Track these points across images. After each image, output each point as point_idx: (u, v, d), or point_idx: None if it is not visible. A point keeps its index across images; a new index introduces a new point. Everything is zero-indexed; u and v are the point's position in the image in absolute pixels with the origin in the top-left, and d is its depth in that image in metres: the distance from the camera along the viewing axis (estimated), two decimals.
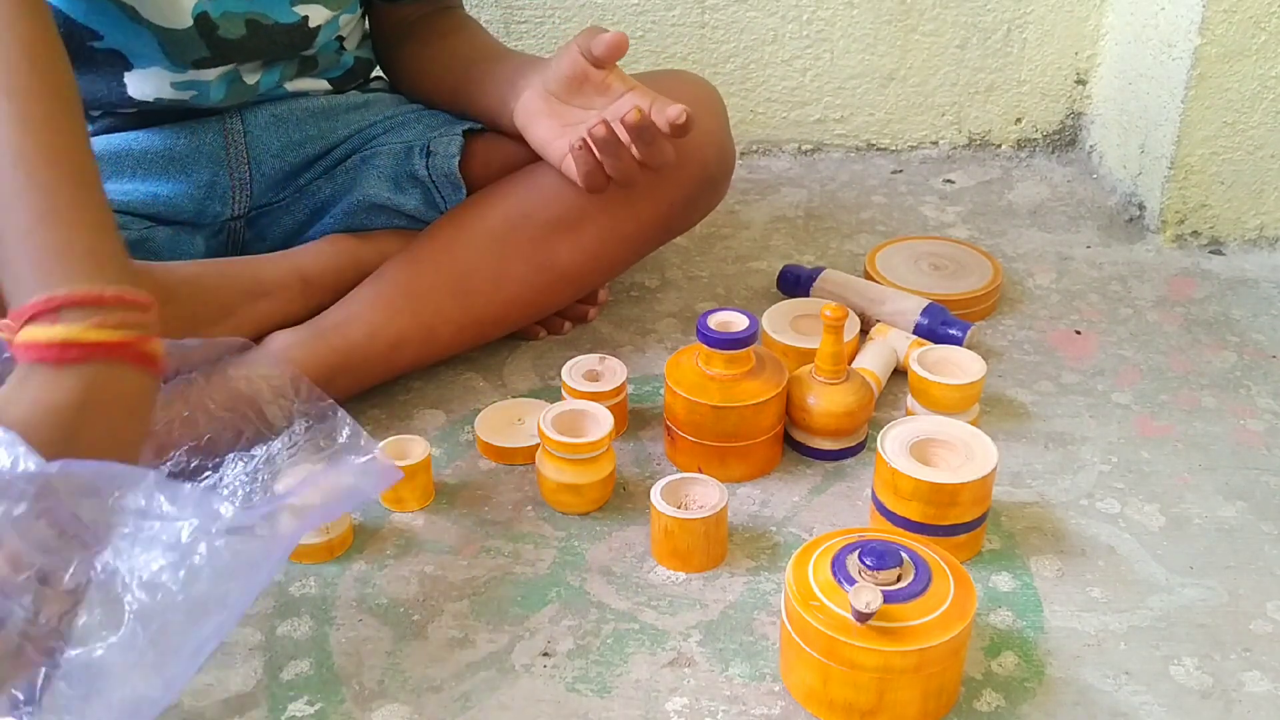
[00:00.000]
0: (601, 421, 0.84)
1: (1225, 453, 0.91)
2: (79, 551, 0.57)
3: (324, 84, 1.02)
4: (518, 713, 0.68)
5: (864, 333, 1.01)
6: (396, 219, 1.01)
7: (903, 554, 0.68)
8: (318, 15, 0.95)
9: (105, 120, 0.94)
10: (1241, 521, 0.84)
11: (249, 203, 0.99)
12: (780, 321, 0.99)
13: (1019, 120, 1.43)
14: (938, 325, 1.00)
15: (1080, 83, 1.40)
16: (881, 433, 0.80)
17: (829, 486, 0.87)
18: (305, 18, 0.94)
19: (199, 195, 0.95)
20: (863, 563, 0.67)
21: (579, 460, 0.82)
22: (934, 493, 0.76)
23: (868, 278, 1.10)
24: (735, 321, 0.85)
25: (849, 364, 0.91)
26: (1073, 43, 1.38)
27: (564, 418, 0.84)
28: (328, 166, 1.01)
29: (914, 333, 1.00)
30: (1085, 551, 0.81)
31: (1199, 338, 1.06)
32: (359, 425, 0.71)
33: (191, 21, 0.88)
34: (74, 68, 0.90)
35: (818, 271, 1.09)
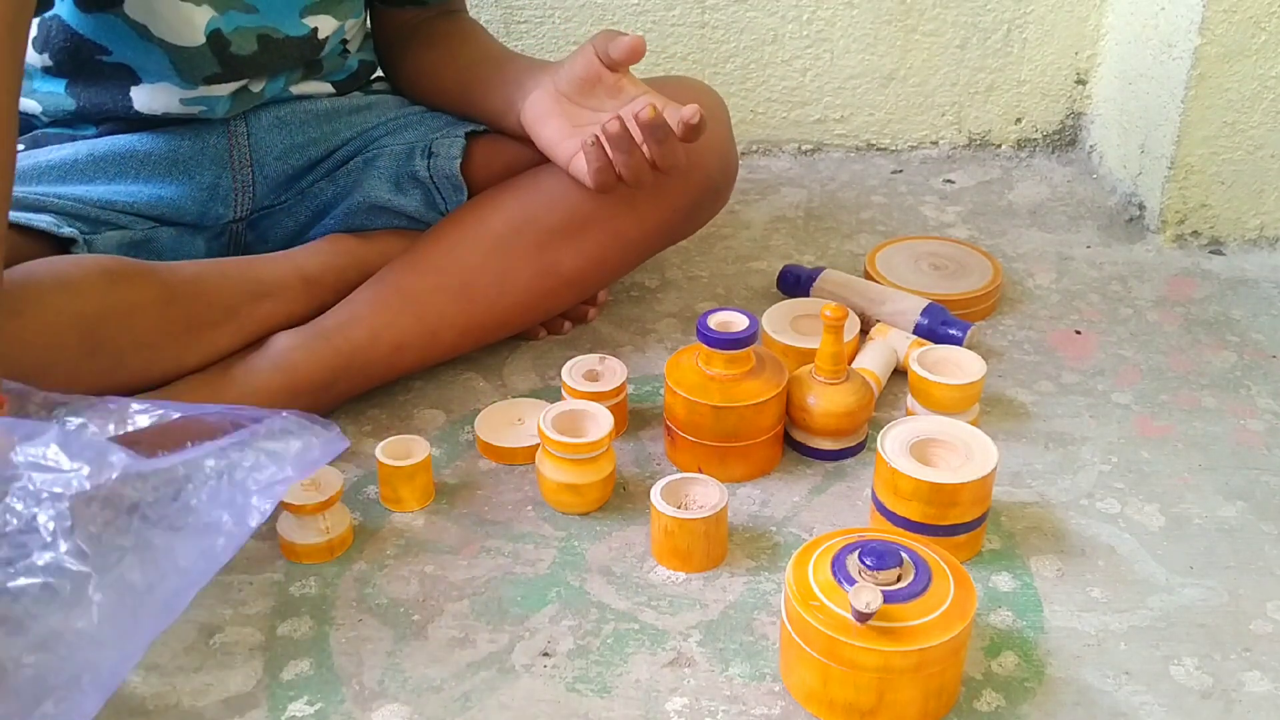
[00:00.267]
0: (601, 421, 0.84)
1: (1225, 453, 0.91)
2: None
3: (328, 87, 1.02)
4: (518, 713, 0.69)
5: (864, 333, 1.01)
6: (397, 219, 1.01)
7: (903, 554, 0.68)
8: (327, 26, 0.95)
9: (109, 124, 0.94)
10: (1241, 521, 0.84)
11: (251, 205, 0.99)
12: (780, 321, 0.99)
13: (1019, 120, 1.43)
14: (938, 325, 1.00)
15: (1080, 83, 1.40)
16: (881, 433, 0.80)
17: (829, 486, 0.87)
18: (315, 29, 0.94)
19: (202, 197, 0.95)
20: (863, 563, 0.67)
21: (579, 460, 0.82)
22: (934, 493, 0.76)
23: (868, 278, 1.10)
24: (735, 321, 0.85)
25: (849, 364, 0.91)
26: (1073, 43, 1.38)
27: (564, 418, 0.84)
28: (330, 169, 1.01)
29: (914, 333, 1.00)
30: (1085, 551, 0.81)
31: (1199, 338, 1.06)
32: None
33: (204, 39, 0.88)
34: (79, 79, 0.91)
35: (818, 271, 1.09)
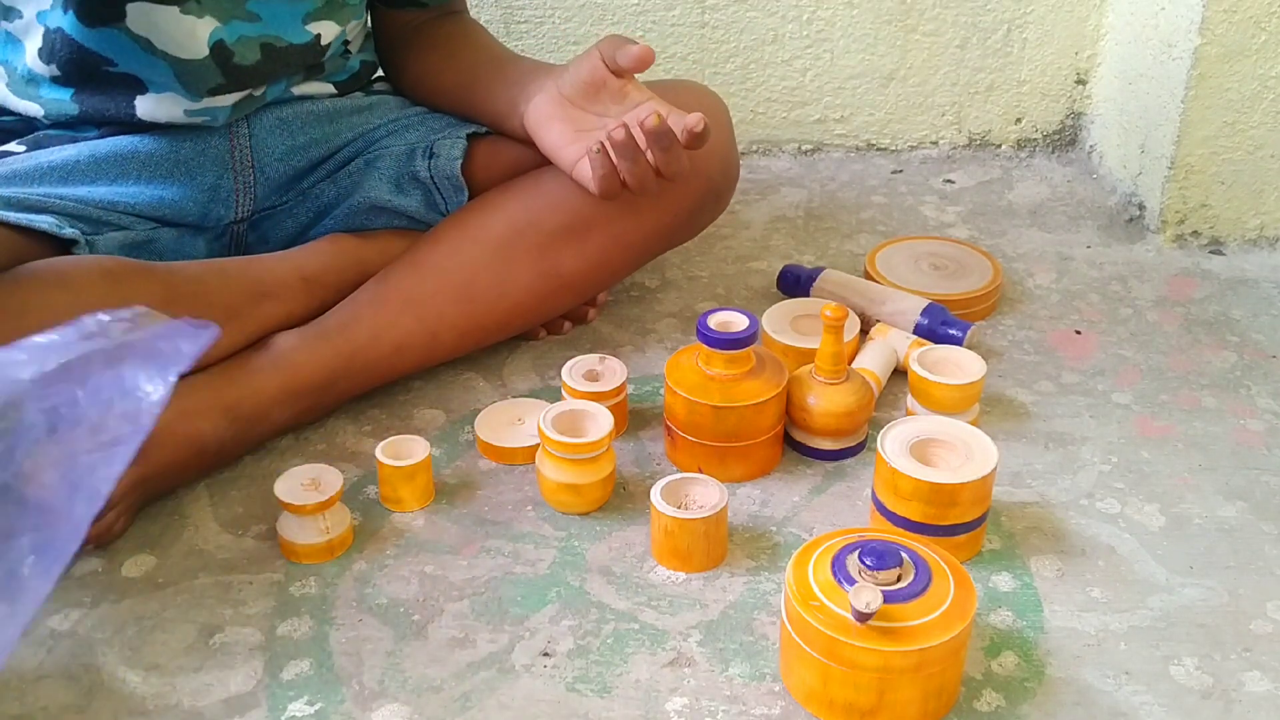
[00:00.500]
0: (601, 421, 0.84)
1: (1225, 453, 0.91)
2: None
3: (329, 87, 1.01)
4: (518, 713, 0.69)
5: (864, 333, 1.01)
6: (397, 220, 1.01)
7: (903, 554, 0.68)
8: (329, 32, 0.95)
9: (110, 126, 0.94)
10: (1241, 521, 0.84)
11: (253, 206, 0.99)
12: (780, 321, 0.99)
13: (1019, 120, 1.43)
14: (938, 325, 1.00)
15: (1080, 83, 1.40)
16: (881, 433, 0.80)
17: (829, 486, 0.87)
18: (318, 35, 0.94)
19: (203, 198, 0.95)
20: (863, 563, 0.67)
21: (579, 460, 0.82)
22: (934, 493, 0.76)
23: (868, 278, 1.10)
24: (735, 321, 0.85)
25: (849, 364, 0.91)
26: (1073, 43, 1.38)
27: (564, 418, 0.84)
28: (331, 170, 1.01)
29: (914, 333, 1.00)
30: (1085, 551, 0.81)
31: (1199, 338, 1.06)
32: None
33: (208, 51, 0.88)
34: (86, 88, 0.90)
35: (818, 271, 1.09)
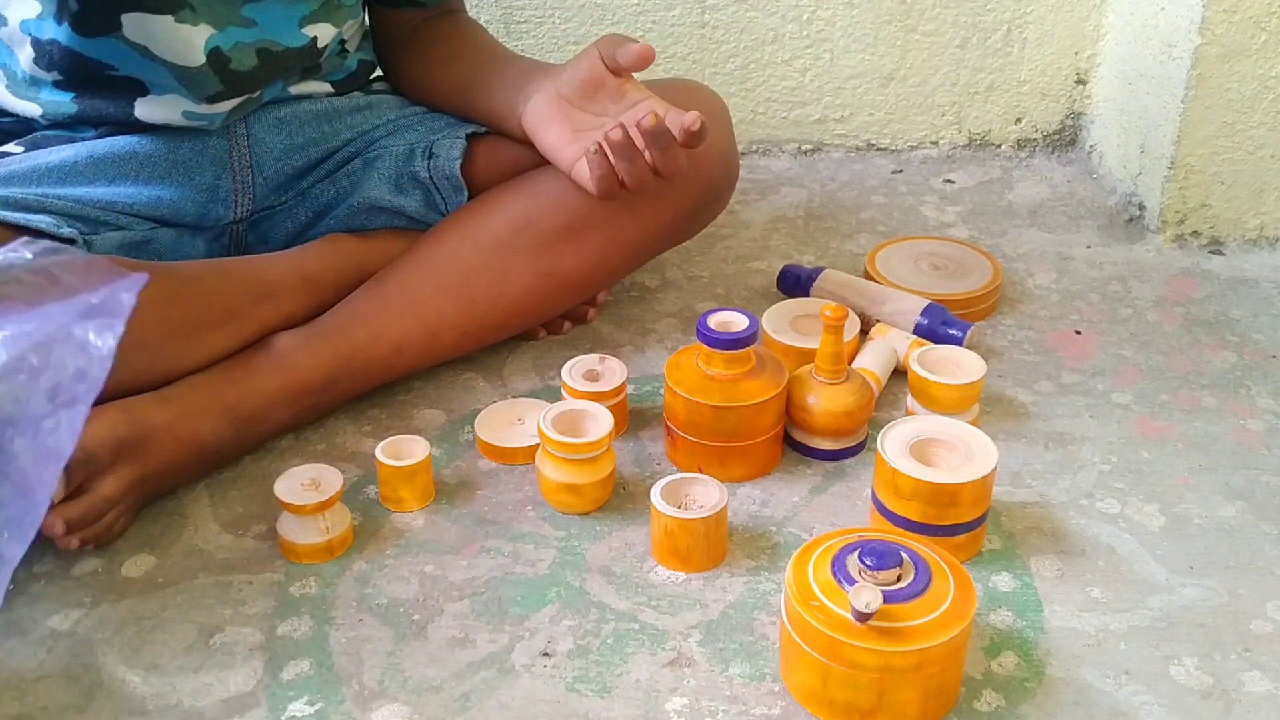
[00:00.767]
0: (601, 421, 0.84)
1: (1225, 453, 0.91)
2: None
3: (326, 86, 1.01)
4: (518, 713, 0.68)
5: (864, 333, 1.01)
6: (396, 220, 1.01)
7: (903, 554, 0.68)
8: (325, 34, 0.95)
9: (108, 126, 0.94)
10: (1241, 521, 0.84)
11: (251, 206, 0.99)
12: (780, 321, 0.99)
13: (1019, 120, 1.43)
14: (938, 325, 1.00)
15: (1080, 83, 1.40)
16: (881, 433, 0.80)
17: (829, 486, 0.87)
18: (314, 38, 0.94)
19: (202, 199, 0.95)
20: (863, 563, 0.67)
21: (579, 460, 0.82)
22: (934, 493, 0.76)
23: (868, 278, 1.10)
24: (735, 321, 0.85)
25: (849, 364, 0.91)
26: (1073, 43, 1.38)
27: (564, 418, 0.84)
28: (330, 170, 1.01)
29: (914, 333, 1.00)
30: (1085, 551, 0.81)
31: (1199, 338, 1.06)
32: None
33: (205, 58, 0.88)
34: (87, 92, 0.90)
35: (818, 271, 1.09)
